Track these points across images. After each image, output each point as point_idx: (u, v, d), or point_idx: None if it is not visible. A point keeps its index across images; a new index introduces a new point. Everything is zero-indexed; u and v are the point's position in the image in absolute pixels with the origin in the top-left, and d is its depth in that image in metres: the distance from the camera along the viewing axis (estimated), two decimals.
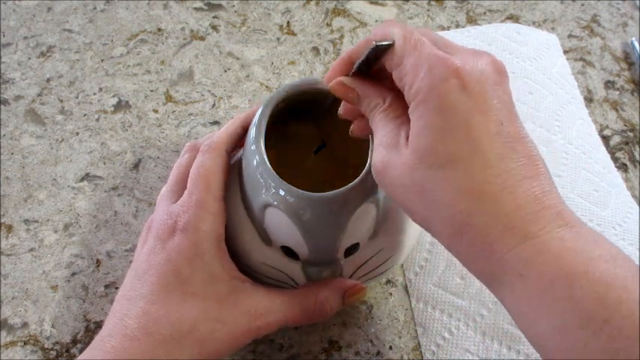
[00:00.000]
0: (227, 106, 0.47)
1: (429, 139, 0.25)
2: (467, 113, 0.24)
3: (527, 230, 0.23)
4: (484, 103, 0.25)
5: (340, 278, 0.34)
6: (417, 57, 0.25)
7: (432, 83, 0.24)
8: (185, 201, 0.33)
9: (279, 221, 0.31)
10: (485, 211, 0.24)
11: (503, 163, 0.24)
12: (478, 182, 0.24)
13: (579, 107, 0.47)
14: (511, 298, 0.25)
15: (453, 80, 0.24)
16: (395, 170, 0.26)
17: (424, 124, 0.25)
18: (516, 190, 0.24)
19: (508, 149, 0.24)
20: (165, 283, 0.30)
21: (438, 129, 0.24)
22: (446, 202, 0.25)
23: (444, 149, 0.24)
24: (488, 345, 0.37)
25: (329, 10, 0.53)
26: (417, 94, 0.25)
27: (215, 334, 0.30)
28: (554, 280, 0.23)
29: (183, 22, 0.51)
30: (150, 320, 0.29)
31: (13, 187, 0.42)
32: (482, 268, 0.25)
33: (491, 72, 0.26)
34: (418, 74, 0.25)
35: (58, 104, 0.46)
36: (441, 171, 0.24)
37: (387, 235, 0.33)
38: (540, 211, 0.24)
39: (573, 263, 0.23)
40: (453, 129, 0.24)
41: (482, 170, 0.24)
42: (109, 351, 0.29)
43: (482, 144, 0.24)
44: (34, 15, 0.51)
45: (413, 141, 0.25)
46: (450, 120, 0.24)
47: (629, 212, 0.42)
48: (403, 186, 0.26)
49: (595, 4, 0.54)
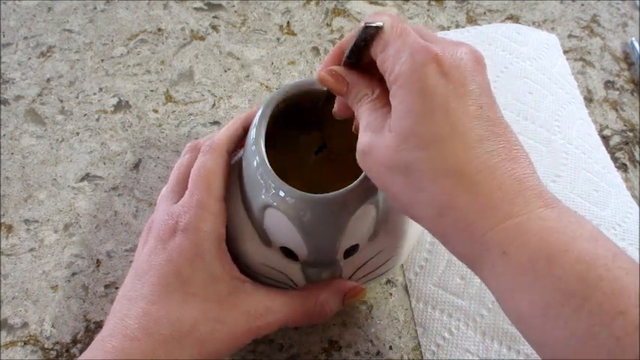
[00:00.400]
0: (227, 106, 0.47)
1: (411, 122, 0.25)
2: (446, 97, 0.25)
3: (508, 210, 0.24)
4: (463, 87, 0.25)
5: (340, 279, 0.34)
6: (400, 44, 0.26)
7: (413, 67, 0.25)
8: (186, 201, 0.33)
9: (279, 222, 0.31)
10: (466, 191, 0.24)
11: (483, 145, 0.25)
12: (459, 163, 0.24)
13: (579, 107, 0.47)
14: (494, 277, 0.25)
15: (433, 65, 0.25)
16: (379, 152, 0.26)
17: (405, 107, 0.25)
18: (496, 170, 0.24)
19: (487, 131, 0.25)
20: (166, 284, 0.30)
21: (418, 111, 0.25)
22: (429, 183, 0.25)
23: (425, 131, 0.25)
24: (488, 345, 0.37)
25: (329, 10, 0.53)
26: (398, 78, 0.26)
27: (215, 334, 0.30)
28: (536, 258, 0.23)
29: (183, 22, 0.51)
30: (150, 320, 0.29)
31: (13, 187, 0.42)
32: (466, 249, 0.26)
33: (469, 60, 0.26)
34: (400, 59, 0.26)
35: (58, 104, 0.46)
36: (423, 152, 0.25)
37: (387, 236, 0.33)
38: (521, 192, 0.24)
39: (554, 242, 0.23)
40: (433, 111, 0.25)
41: (462, 151, 0.25)
42: (110, 351, 0.29)
43: (462, 125, 0.25)
44: (34, 15, 0.51)
45: (395, 124, 0.26)
46: (429, 103, 0.25)
47: (629, 212, 0.42)
48: (387, 168, 0.26)
49: (595, 4, 0.54)
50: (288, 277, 0.33)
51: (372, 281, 0.35)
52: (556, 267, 0.22)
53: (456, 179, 0.24)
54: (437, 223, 0.26)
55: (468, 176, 0.24)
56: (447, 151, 0.25)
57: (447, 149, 0.25)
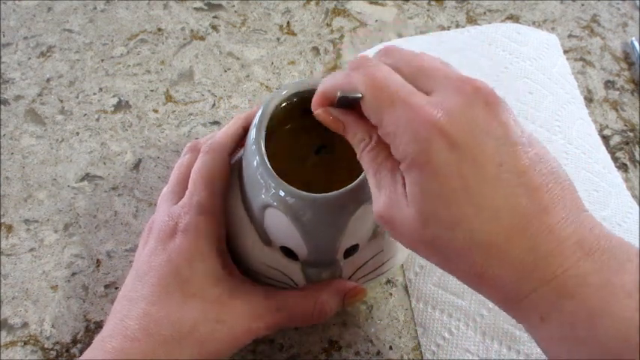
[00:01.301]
0: (227, 106, 0.47)
1: (429, 206, 0.24)
2: (460, 171, 0.23)
3: (542, 272, 0.23)
4: (475, 149, 0.23)
5: (340, 280, 0.34)
6: (395, 117, 0.24)
7: (418, 148, 0.23)
8: (186, 202, 0.33)
9: (279, 222, 0.31)
10: (497, 262, 0.23)
11: (511, 205, 0.23)
12: (487, 235, 0.23)
13: (579, 107, 0.47)
14: (537, 339, 0.24)
15: (439, 141, 0.23)
16: (402, 226, 0.25)
17: (420, 189, 0.24)
18: (528, 230, 0.23)
19: (513, 187, 0.23)
20: (166, 284, 0.30)
21: (435, 195, 0.23)
22: (458, 258, 0.24)
23: (447, 214, 0.23)
24: (488, 345, 0.37)
25: (329, 10, 0.53)
26: (405, 158, 0.24)
27: (215, 335, 0.30)
28: (576, 322, 0.22)
29: (183, 22, 0.51)
30: (150, 321, 0.29)
31: (13, 187, 0.42)
32: (506, 310, 0.25)
33: (479, 110, 0.24)
34: (402, 137, 0.24)
35: (58, 104, 0.46)
36: (449, 232, 0.24)
37: (387, 236, 0.33)
38: (556, 248, 0.23)
39: (594, 301, 0.22)
40: (451, 192, 0.23)
41: (488, 223, 0.23)
42: (110, 351, 0.29)
43: (484, 198, 0.23)
44: (34, 15, 0.51)
45: (414, 204, 0.24)
46: (446, 184, 0.23)
47: (629, 212, 0.42)
48: (414, 241, 0.25)
49: (595, 4, 0.54)
50: (288, 276, 0.33)
51: (372, 281, 0.35)
52: (598, 329, 0.21)
53: (485, 252, 0.23)
54: (476, 288, 0.25)
55: (498, 246, 0.23)
56: (474, 228, 0.23)
57: (472, 227, 0.23)
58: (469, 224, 0.23)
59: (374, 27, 0.52)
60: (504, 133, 0.24)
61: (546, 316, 0.23)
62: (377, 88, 0.25)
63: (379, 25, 0.52)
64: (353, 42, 0.51)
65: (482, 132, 0.24)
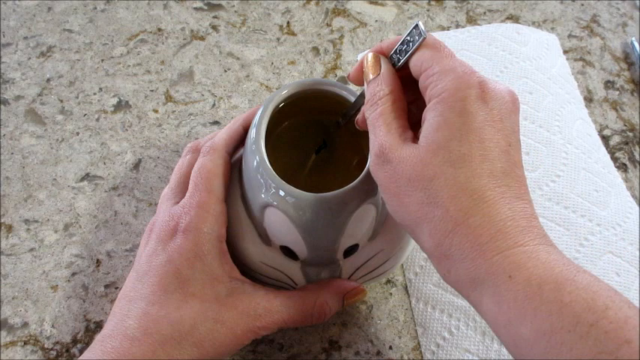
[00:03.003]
0: (227, 106, 0.47)
1: (445, 135, 0.26)
2: (484, 122, 0.26)
3: (517, 238, 0.25)
4: (500, 121, 0.26)
5: (340, 280, 0.34)
6: (448, 63, 0.27)
7: (458, 86, 0.26)
8: (186, 202, 0.33)
9: (279, 221, 0.31)
10: (482, 213, 0.25)
11: (506, 178, 0.26)
12: (482, 186, 0.25)
13: (579, 107, 0.47)
14: (494, 302, 0.25)
15: (477, 90, 0.26)
16: (402, 163, 0.26)
17: (442, 120, 0.26)
18: (511, 203, 0.25)
19: (510, 169, 0.26)
20: (166, 284, 0.30)
21: (455, 127, 0.26)
22: (447, 199, 0.25)
23: (457, 147, 0.25)
24: (488, 345, 0.37)
25: (329, 10, 0.53)
26: (441, 93, 0.26)
27: (215, 335, 0.30)
28: (543, 283, 0.23)
29: (183, 22, 0.51)
30: (150, 321, 0.29)
31: (13, 187, 0.42)
32: (468, 271, 0.25)
33: (508, 98, 0.28)
34: (446, 76, 0.27)
35: (58, 104, 0.46)
36: (451, 168, 0.25)
37: (387, 236, 0.33)
38: (529, 227, 0.25)
39: (561, 271, 0.24)
40: (470, 131, 0.26)
41: (487, 176, 0.25)
42: (110, 351, 0.29)
43: (492, 154, 0.26)
44: (34, 15, 0.51)
45: (428, 135, 0.26)
46: (468, 123, 0.26)
47: (629, 212, 0.42)
48: (407, 180, 0.26)
49: (595, 4, 0.55)
50: (288, 276, 0.33)
51: (372, 281, 0.35)
52: (563, 293, 0.23)
53: (475, 199, 0.25)
54: (443, 242, 0.26)
55: (487, 201, 0.25)
56: (474, 172, 0.25)
57: (474, 171, 0.25)
58: (473, 167, 0.25)
59: (374, 27, 0.52)
60: (516, 129, 0.28)
61: (514, 275, 0.24)
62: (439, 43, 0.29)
63: (379, 25, 0.52)
64: (353, 42, 0.51)
65: (507, 111, 0.27)
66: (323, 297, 0.33)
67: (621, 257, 0.40)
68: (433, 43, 0.28)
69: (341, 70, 0.49)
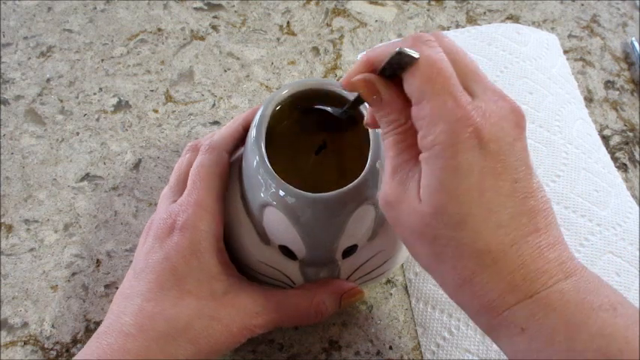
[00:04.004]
0: (227, 106, 0.47)
1: (442, 198, 0.24)
2: (481, 175, 0.24)
3: (528, 288, 0.24)
4: (500, 163, 0.24)
5: (338, 280, 0.34)
6: (437, 104, 0.24)
7: (450, 141, 0.24)
8: (184, 200, 0.33)
9: (278, 221, 0.31)
10: (488, 270, 0.24)
11: (514, 221, 0.24)
12: (487, 243, 0.24)
13: (579, 107, 0.47)
14: (511, 351, 0.25)
15: (472, 140, 0.24)
16: (405, 215, 0.26)
17: (438, 181, 0.24)
18: (522, 246, 0.24)
19: (520, 206, 0.24)
20: (162, 281, 0.31)
21: (451, 189, 0.24)
22: (452, 259, 0.25)
23: (457, 210, 0.24)
24: (488, 345, 0.37)
25: (329, 10, 0.53)
26: (432, 147, 0.24)
27: (210, 332, 0.30)
28: (555, 334, 0.23)
29: (183, 22, 0.51)
30: (145, 317, 0.30)
31: (13, 187, 0.42)
32: (482, 321, 0.26)
33: (510, 127, 0.25)
34: (437, 125, 0.24)
35: (58, 104, 0.46)
36: (452, 231, 0.24)
37: (386, 237, 0.33)
38: (543, 267, 0.24)
39: (573, 315, 0.23)
40: (467, 190, 0.24)
41: (492, 231, 0.24)
42: (105, 347, 0.29)
43: (495, 206, 0.24)
44: (34, 15, 0.51)
45: (426, 195, 0.25)
46: (464, 182, 0.24)
47: (629, 212, 0.42)
48: (412, 231, 0.26)
49: (595, 4, 0.55)
50: (286, 275, 0.33)
51: (371, 282, 0.35)
52: (576, 341, 0.22)
53: (480, 258, 0.24)
54: (455, 293, 0.26)
55: (494, 255, 0.24)
56: (477, 232, 0.24)
57: (476, 230, 0.24)
58: (475, 227, 0.24)
59: (374, 27, 0.52)
60: (524, 155, 0.25)
61: (527, 327, 0.24)
62: (433, 72, 0.24)
63: (379, 25, 0.52)
64: (353, 42, 0.51)
65: (509, 146, 0.25)
66: (320, 297, 0.33)
67: (621, 257, 0.40)
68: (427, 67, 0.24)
69: (341, 70, 0.49)
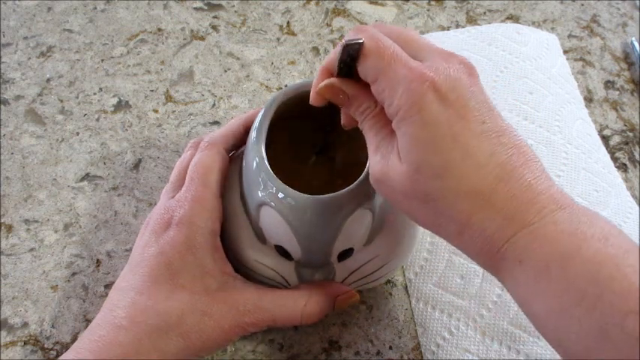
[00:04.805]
0: (227, 106, 0.47)
1: (420, 153, 0.25)
2: (449, 122, 0.25)
3: (522, 219, 0.25)
4: (463, 108, 0.26)
5: (333, 283, 0.34)
6: (392, 74, 0.26)
7: (411, 100, 0.25)
8: (182, 196, 0.33)
9: (274, 221, 0.31)
10: (482, 208, 0.25)
11: (494, 158, 0.25)
12: (474, 184, 0.25)
13: (579, 107, 0.47)
14: (513, 285, 0.26)
15: (430, 94, 0.25)
16: (394, 181, 0.27)
17: (411, 139, 0.26)
18: (509, 180, 0.25)
19: (495, 144, 0.25)
20: (156, 275, 0.31)
21: (426, 142, 0.25)
22: (447, 207, 0.26)
23: (436, 160, 0.25)
24: (488, 345, 0.37)
25: (329, 10, 0.53)
26: (398, 111, 0.26)
27: (201, 327, 0.30)
28: (549, 263, 0.24)
29: (183, 22, 0.51)
30: (138, 310, 0.30)
31: (13, 187, 0.42)
32: (487, 262, 0.26)
33: (464, 75, 0.27)
34: (396, 91, 0.26)
35: (58, 104, 0.46)
36: (438, 181, 0.25)
37: (382, 242, 0.33)
38: (534, 198, 0.25)
39: (567, 245, 0.23)
40: (440, 139, 0.25)
41: (475, 171, 0.25)
42: (97, 340, 0.29)
43: (471, 147, 0.25)
44: (34, 15, 0.51)
45: (405, 155, 0.26)
46: (435, 132, 0.25)
47: (629, 212, 0.42)
48: (405, 195, 0.27)
49: (595, 4, 0.54)
50: (282, 276, 0.33)
51: (367, 286, 0.35)
52: (569, 270, 0.23)
53: (472, 199, 0.25)
54: (458, 241, 0.27)
55: (483, 194, 0.25)
56: (461, 175, 0.25)
57: (461, 173, 0.25)
58: (457, 170, 0.25)
59: None
60: (484, 98, 0.27)
61: (524, 259, 0.24)
62: (379, 47, 0.26)
63: None
64: None
65: (467, 92, 0.26)
66: (314, 298, 0.33)
67: None
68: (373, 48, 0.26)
69: None
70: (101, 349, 0.29)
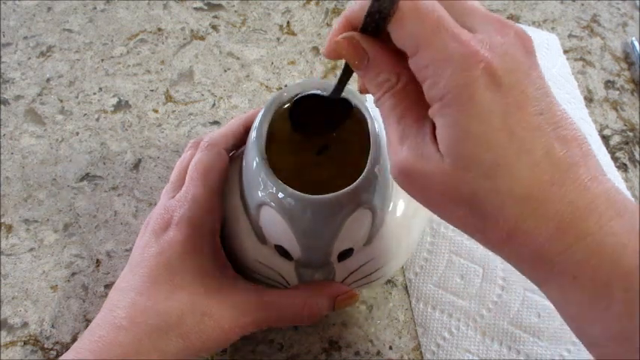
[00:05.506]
0: (227, 106, 0.47)
1: (471, 147, 0.22)
2: (505, 112, 0.22)
3: (578, 229, 0.22)
4: (521, 95, 0.22)
5: (332, 283, 0.34)
6: (439, 47, 0.22)
7: (461, 83, 0.22)
8: (182, 196, 0.33)
9: (274, 220, 0.31)
10: (534, 214, 0.22)
11: (549, 157, 0.22)
12: (527, 185, 0.22)
13: (579, 107, 0.47)
14: (562, 302, 0.23)
15: (484, 78, 0.22)
16: (429, 178, 0.23)
17: (460, 130, 0.22)
18: (565, 182, 0.22)
19: (552, 139, 0.22)
20: (156, 275, 0.31)
21: (477, 134, 0.22)
22: (495, 211, 0.23)
23: (490, 156, 0.22)
24: (488, 345, 0.37)
25: (329, 10, 0.53)
26: (445, 95, 0.22)
27: (201, 327, 0.30)
28: (611, 283, 0.21)
29: (183, 22, 0.51)
30: (138, 310, 0.30)
31: (13, 187, 0.42)
32: (532, 272, 0.24)
33: (521, 55, 0.23)
34: (443, 71, 0.22)
35: (58, 104, 0.46)
36: (489, 180, 0.22)
37: (382, 243, 0.33)
38: (591, 203, 0.22)
39: (630, 262, 0.21)
40: (494, 132, 0.22)
41: (530, 171, 0.22)
42: (97, 340, 0.29)
43: (527, 142, 0.22)
44: (34, 15, 0.51)
45: (449, 149, 0.22)
46: (489, 124, 0.22)
47: None
48: (443, 193, 0.23)
49: (595, 4, 0.54)
50: (282, 275, 0.33)
51: (367, 286, 0.35)
52: (634, 291, 0.21)
53: (523, 204, 0.22)
54: (503, 248, 0.24)
55: (537, 197, 0.22)
56: (515, 174, 0.22)
57: (513, 174, 0.22)
58: (511, 170, 0.22)
59: None
60: (542, 83, 0.23)
61: (579, 275, 0.21)
62: (419, 8, 0.22)
63: None
64: None
65: (525, 76, 0.23)
66: (313, 298, 0.33)
67: None
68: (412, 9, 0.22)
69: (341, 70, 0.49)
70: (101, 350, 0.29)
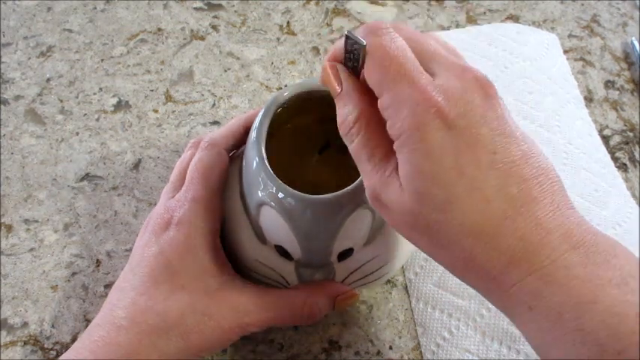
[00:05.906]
0: (227, 106, 0.47)
1: (423, 184, 0.24)
2: (455, 153, 0.23)
3: (530, 262, 0.23)
4: (472, 137, 0.23)
5: (332, 282, 0.34)
6: (397, 92, 0.24)
7: (415, 125, 0.23)
8: (182, 196, 0.33)
9: (274, 220, 0.31)
10: (487, 248, 0.23)
11: (502, 193, 0.23)
12: (478, 220, 0.23)
13: (579, 107, 0.47)
14: (524, 329, 0.24)
15: (436, 121, 0.23)
16: (396, 209, 0.25)
17: (414, 168, 0.24)
18: (517, 218, 0.23)
19: (505, 177, 0.23)
20: (156, 275, 0.31)
21: (428, 173, 0.23)
22: (449, 243, 0.24)
23: (440, 193, 0.23)
24: (488, 345, 0.37)
25: (329, 10, 0.53)
26: (401, 135, 0.24)
27: (201, 327, 0.30)
28: (563, 312, 0.22)
29: (183, 22, 0.51)
30: (138, 310, 0.30)
31: (13, 187, 0.42)
32: (495, 301, 0.25)
33: (478, 98, 0.24)
34: (400, 111, 0.24)
35: (58, 104, 0.46)
36: (441, 214, 0.23)
37: (382, 242, 0.33)
38: (544, 238, 0.23)
39: (581, 293, 0.22)
40: (445, 171, 0.23)
41: (481, 207, 0.23)
42: (96, 340, 0.29)
43: (477, 181, 0.23)
44: (34, 15, 0.51)
45: (406, 183, 0.24)
46: (439, 164, 0.23)
47: (629, 212, 0.42)
48: (405, 223, 0.25)
49: (595, 4, 0.54)
50: (282, 275, 0.33)
51: (367, 286, 0.35)
52: (584, 320, 0.21)
53: (476, 238, 0.23)
54: (464, 276, 0.25)
55: (488, 232, 0.23)
56: (466, 210, 0.23)
57: (465, 209, 0.23)
58: (462, 205, 0.23)
59: None
60: (499, 124, 0.24)
61: (534, 306, 0.23)
62: (385, 57, 0.24)
63: None
64: None
65: (479, 119, 0.24)
66: (313, 298, 0.33)
67: None
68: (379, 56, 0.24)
69: None
70: (101, 349, 0.29)
